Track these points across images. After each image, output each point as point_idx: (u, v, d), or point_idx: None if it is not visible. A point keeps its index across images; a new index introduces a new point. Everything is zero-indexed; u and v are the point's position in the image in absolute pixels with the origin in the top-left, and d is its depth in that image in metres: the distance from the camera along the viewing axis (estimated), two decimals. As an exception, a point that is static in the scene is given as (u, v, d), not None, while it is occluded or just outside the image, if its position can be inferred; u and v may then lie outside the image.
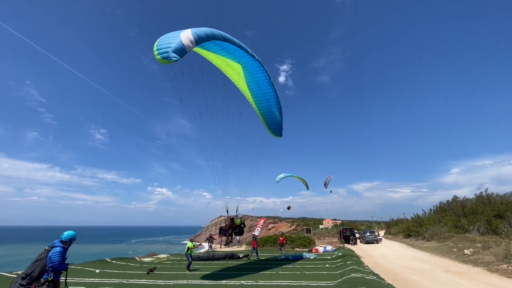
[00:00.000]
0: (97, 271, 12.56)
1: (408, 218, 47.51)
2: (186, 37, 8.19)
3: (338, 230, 37.05)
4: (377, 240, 31.16)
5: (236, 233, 14.63)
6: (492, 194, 28.15)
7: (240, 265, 15.22)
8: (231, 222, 14.16)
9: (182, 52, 7.95)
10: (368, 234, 32.03)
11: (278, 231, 61.81)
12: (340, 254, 18.23)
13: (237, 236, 39.56)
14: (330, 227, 66.53)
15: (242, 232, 15.18)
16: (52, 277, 5.04)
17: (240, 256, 18.32)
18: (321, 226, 70.75)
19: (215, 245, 27.81)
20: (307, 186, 26.38)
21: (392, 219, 60.81)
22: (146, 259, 18.15)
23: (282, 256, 17.97)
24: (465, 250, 16.63)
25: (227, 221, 14.24)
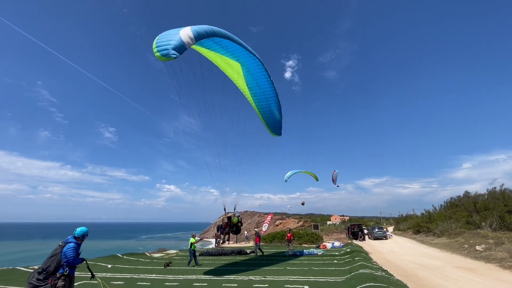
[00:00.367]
0: (109, 266, 12.93)
1: (418, 214, 46.87)
2: (186, 34, 8.20)
3: (346, 226, 36.81)
4: (386, 236, 30.87)
5: (233, 232, 14.74)
6: (506, 190, 27.43)
7: (248, 261, 15.36)
8: (229, 220, 14.28)
9: (182, 49, 7.96)
10: (377, 230, 31.72)
11: (286, 227, 61.97)
12: (348, 250, 18.17)
13: (245, 232, 40.03)
14: (338, 223, 66.21)
15: (239, 231, 15.33)
16: (68, 272, 5.21)
17: (248, 252, 18.54)
18: (329, 222, 70.42)
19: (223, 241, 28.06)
20: (316, 178, 26.29)
21: (401, 215, 60.09)
22: (156, 255, 18.51)
23: (290, 252, 18.05)
24: (477, 246, 16.31)
25: (225, 220, 14.36)
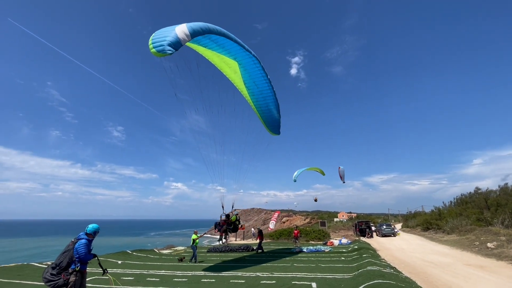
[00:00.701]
0: (119, 262, 13.21)
1: (427, 211, 46.18)
2: (181, 31, 8.23)
3: (354, 223, 36.59)
4: (394, 233, 30.56)
5: (231, 230, 14.79)
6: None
7: (255, 257, 15.45)
8: (227, 218, 14.36)
9: (177, 46, 7.99)
10: (385, 227, 31.43)
11: (293, 224, 61.97)
12: (356, 247, 18.07)
13: (252, 229, 40.17)
14: (345, 220, 65.81)
15: (237, 229, 15.35)
16: (79, 267, 5.36)
17: (255, 248, 18.66)
18: (336, 219, 70.07)
19: (230, 238, 28.31)
20: (323, 172, 26.23)
21: (410, 212, 59.30)
22: (165, 251, 18.82)
23: (297, 249, 18.07)
24: (488, 244, 16.00)
25: (223, 217, 14.43)
